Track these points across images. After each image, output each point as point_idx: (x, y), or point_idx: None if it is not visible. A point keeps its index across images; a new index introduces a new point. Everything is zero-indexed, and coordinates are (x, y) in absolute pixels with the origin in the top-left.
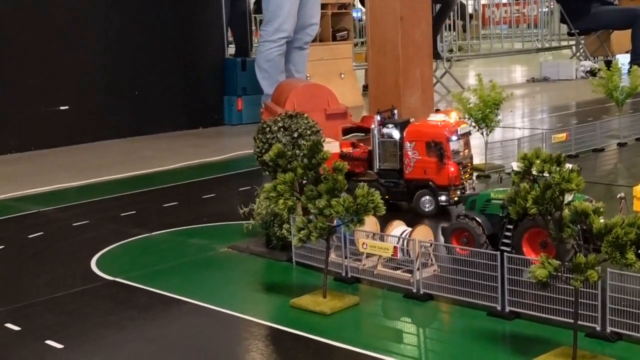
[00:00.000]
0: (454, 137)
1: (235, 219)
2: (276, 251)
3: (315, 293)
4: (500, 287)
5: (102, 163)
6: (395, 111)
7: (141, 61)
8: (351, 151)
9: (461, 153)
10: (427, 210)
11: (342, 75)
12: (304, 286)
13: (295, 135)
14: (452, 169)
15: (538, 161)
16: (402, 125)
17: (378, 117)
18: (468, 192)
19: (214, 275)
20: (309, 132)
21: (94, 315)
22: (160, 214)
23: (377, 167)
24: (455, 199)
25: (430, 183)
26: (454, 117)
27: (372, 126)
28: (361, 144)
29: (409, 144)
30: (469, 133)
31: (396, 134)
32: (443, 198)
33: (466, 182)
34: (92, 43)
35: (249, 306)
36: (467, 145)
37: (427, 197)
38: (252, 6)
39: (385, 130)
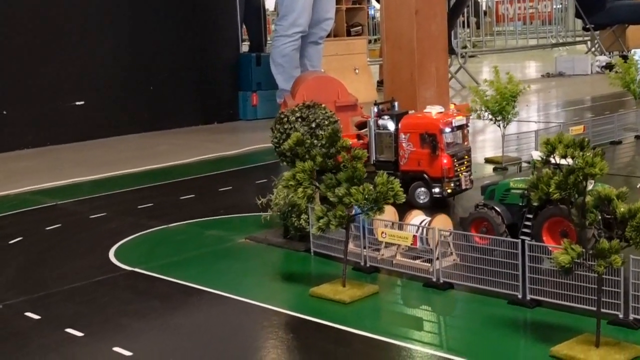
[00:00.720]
0: (447, 129)
1: (252, 210)
2: (294, 241)
3: (335, 282)
4: (522, 275)
5: (119, 157)
6: (396, 103)
7: (156, 57)
8: (353, 142)
9: (457, 145)
10: (421, 202)
11: (357, 71)
12: (322, 276)
13: (313, 125)
14: (445, 161)
15: (561, 146)
16: (397, 117)
17: (375, 109)
18: (464, 185)
19: (232, 265)
20: (326, 122)
21: (114, 305)
22: (177, 207)
23: (374, 159)
24: (449, 191)
25: (425, 175)
26: (452, 109)
27: (369, 118)
28: (366, 136)
29: (403, 136)
30: (466, 125)
31: (391, 126)
32: (436, 190)
33: (462, 174)
34: (107, 39)
35: (269, 295)
36: (464, 137)
37: (422, 189)
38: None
39: (380, 122)
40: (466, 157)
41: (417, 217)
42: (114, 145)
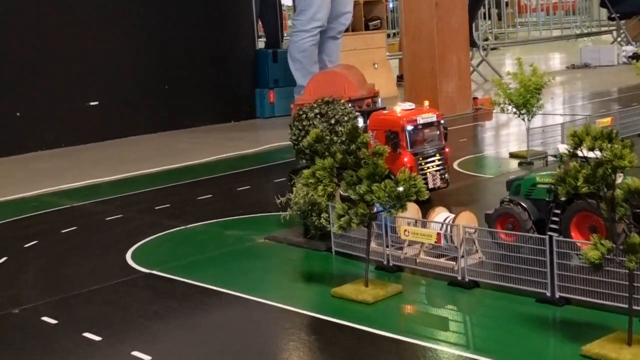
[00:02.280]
0: (410, 127)
1: (271, 209)
2: (315, 241)
3: (357, 282)
4: (550, 273)
5: (135, 157)
6: (379, 99)
7: (171, 55)
8: None
9: (428, 143)
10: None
11: (376, 66)
12: (344, 275)
13: (332, 121)
14: (406, 159)
15: (589, 138)
16: (367, 114)
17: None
18: (431, 184)
19: (252, 266)
20: (345, 118)
21: (132, 307)
22: (195, 206)
23: None
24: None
25: (390, 174)
26: (426, 105)
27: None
28: None
29: (371, 133)
30: (438, 123)
31: (360, 123)
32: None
33: (429, 173)
34: (121, 37)
35: (290, 296)
36: (440, 135)
37: None
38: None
39: None
40: (437, 155)
41: (440, 214)
42: (130, 145)
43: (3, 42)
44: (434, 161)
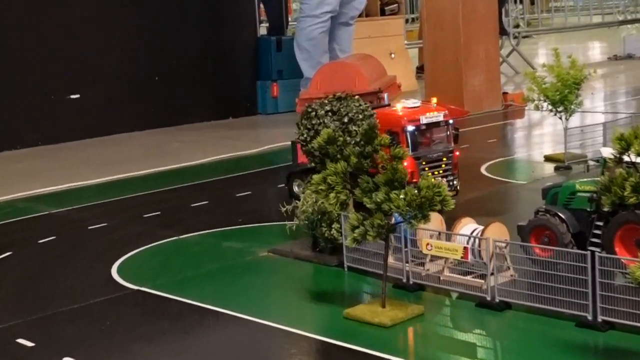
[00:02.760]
0: (411, 127)
1: (276, 219)
2: (325, 254)
3: (373, 302)
4: (591, 293)
5: (122, 158)
6: (385, 95)
7: (162, 43)
8: None
9: (434, 145)
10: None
11: (392, 55)
12: (358, 294)
13: (345, 120)
14: (406, 163)
15: (637, 142)
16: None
17: None
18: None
19: (253, 282)
20: (360, 116)
21: (119, 328)
22: (189, 214)
23: None
24: None
25: None
26: (434, 102)
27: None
28: None
29: None
30: (445, 123)
31: None
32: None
33: (434, 179)
34: (106, 23)
35: (296, 317)
36: (449, 137)
37: None
38: None
39: None
40: (444, 159)
41: (467, 226)
42: (116, 144)
43: None
44: (439, 166)
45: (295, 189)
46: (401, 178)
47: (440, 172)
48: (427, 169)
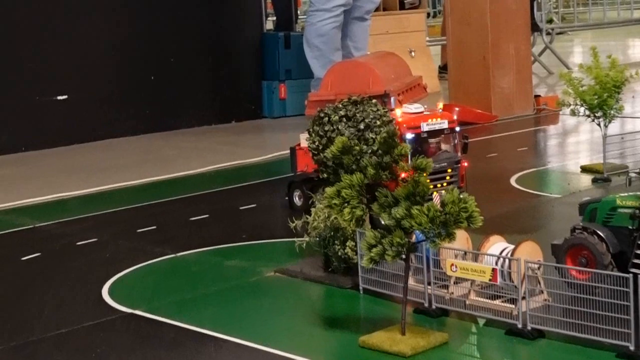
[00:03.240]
0: (410, 135)
1: (283, 235)
2: (338, 275)
3: (391, 329)
4: (634, 321)
5: (113, 165)
6: (393, 99)
7: (159, 38)
8: None
9: (440, 154)
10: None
11: (412, 54)
12: (375, 320)
13: (362, 126)
14: (403, 175)
15: None
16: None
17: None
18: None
19: (258, 305)
20: (378, 122)
21: (110, 355)
22: (187, 229)
23: None
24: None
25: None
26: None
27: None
28: None
29: None
30: (451, 131)
31: None
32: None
33: (437, 193)
34: (98, 16)
35: (306, 345)
36: (455, 146)
37: None
38: None
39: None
40: (450, 170)
41: (496, 245)
42: (107, 150)
43: None
44: (443, 177)
45: (296, 200)
46: (423, 192)
47: (444, 184)
48: (428, 180)
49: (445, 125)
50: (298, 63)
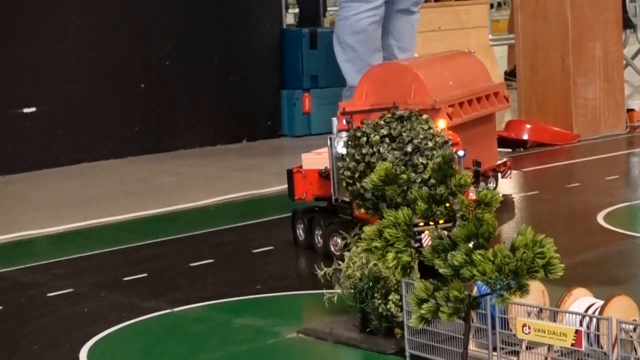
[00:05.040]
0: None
1: (308, 285)
2: (378, 337)
3: None
4: None
5: (94, 197)
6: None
7: (152, 37)
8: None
9: None
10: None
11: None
12: None
13: (409, 149)
14: None
15: None
16: None
17: (335, 122)
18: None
19: None
20: (430, 143)
21: None
22: (187, 278)
23: (334, 199)
24: None
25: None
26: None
27: (330, 136)
28: None
29: None
30: (455, 144)
31: (343, 149)
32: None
33: (428, 231)
34: (76, 10)
35: None
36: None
37: None
38: None
39: (335, 142)
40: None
41: (581, 300)
42: (85, 176)
43: None
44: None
45: (299, 233)
46: (488, 233)
47: (440, 221)
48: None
49: (449, 142)
50: (327, 67)
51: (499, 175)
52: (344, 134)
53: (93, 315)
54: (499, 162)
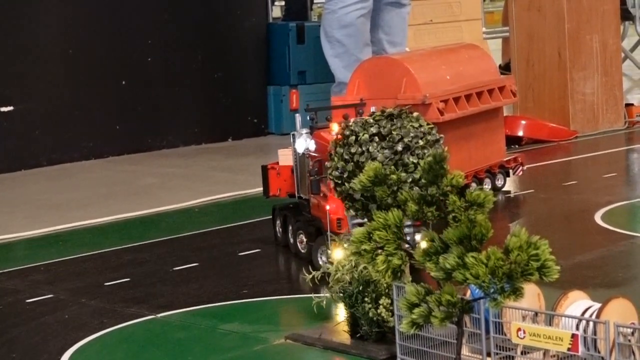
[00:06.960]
0: None
1: (296, 290)
2: (368, 343)
3: None
4: None
5: (73, 199)
6: (373, 108)
7: (135, 33)
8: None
9: None
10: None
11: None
12: None
13: (399, 147)
14: (330, 207)
15: None
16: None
17: (299, 120)
18: None
19: None
20: (420, 142)
21: None
22: (170, 282)
23: (297, 196)
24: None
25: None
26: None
27: (292, 132)
28: None
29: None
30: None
31: (302, 146)
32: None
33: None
34: (53, 6)
35: None
36: None
37: (322, 248)
38: None
39: (296, 140)
40: None
41: (577, 303)
42: (64, 177)
43: None
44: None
45: (278, 230)
46: (481, 235)
47: None
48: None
49: None
50: (315, 63)
51: (510, 171)
52: (305, 131)
53: (74, 322)
54: (509, 157)
